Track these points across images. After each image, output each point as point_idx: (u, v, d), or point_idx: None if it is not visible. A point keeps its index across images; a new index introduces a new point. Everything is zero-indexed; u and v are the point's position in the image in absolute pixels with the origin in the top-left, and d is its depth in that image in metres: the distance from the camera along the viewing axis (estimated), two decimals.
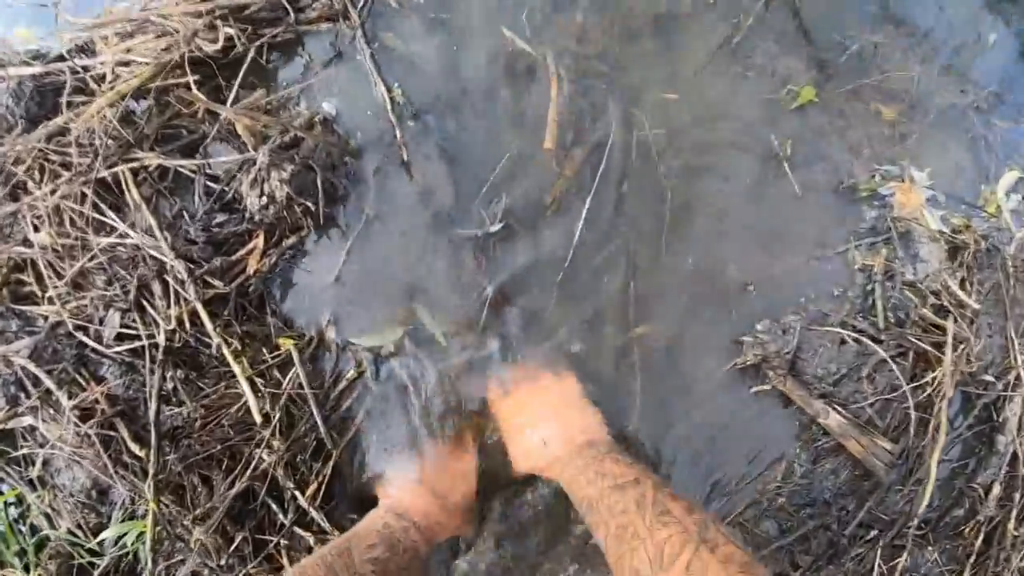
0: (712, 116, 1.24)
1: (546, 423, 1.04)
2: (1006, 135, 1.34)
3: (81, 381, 1.22)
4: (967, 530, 1.21)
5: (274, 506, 1.14)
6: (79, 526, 1.32)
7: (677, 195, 1.19)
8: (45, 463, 1.33)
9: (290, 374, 1.14)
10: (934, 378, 1.12)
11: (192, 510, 1.12)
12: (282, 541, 1.13)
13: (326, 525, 1.12)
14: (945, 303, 1.18)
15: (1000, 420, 1.19)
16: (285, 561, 1.12)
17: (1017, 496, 1.20)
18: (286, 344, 1.14)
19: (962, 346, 1.13)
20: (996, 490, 1.19)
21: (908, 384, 1.12)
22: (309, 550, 1.12)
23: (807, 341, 1.15)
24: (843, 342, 1.14)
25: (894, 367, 1.12)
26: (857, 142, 1.27)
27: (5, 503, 1.32)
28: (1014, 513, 1.19)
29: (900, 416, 1.15)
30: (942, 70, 1.34)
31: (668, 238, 1.18)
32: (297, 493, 1.12)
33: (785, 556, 1.13)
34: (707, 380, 1.15)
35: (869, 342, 1.13)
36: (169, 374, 1.16)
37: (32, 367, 1.22)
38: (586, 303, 1.16)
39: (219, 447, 1.12)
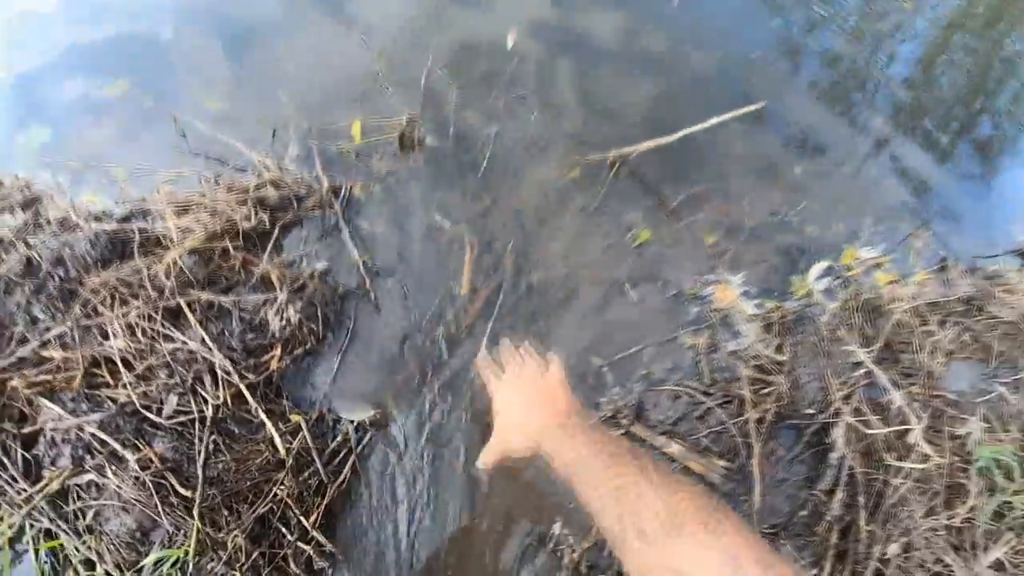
0: (576, 260, 1.97)
1: (534, 398, 1.08)
2: (815, 239, 1.96)
3: (139, 445, 1.79)
4: (820, 529, 1.57)
5: (283, 529, 1.74)
6: (118, 566, 1.81)
7: (551, 313, 1.93)
8: (96, 514, 1.82)
9: (299, 437, 1.78)
10: (752, 413, 1.63)
11: (226, 529, 1.70)
12: (288, 553, 1.72)
13: (323, 539, 1.72)
14: (764, 363, 1.72)
15: (829, 441, 1.64)
16: (292, 567, 1.71)
17: (861, 499, 1.56)
18: (296, 418, 1.78)
19: (774, 388, 1.66)
20: (839, 495, 1.55)
21: (731, 420, 1.67)
22: (308, 560, 1.72)
23: (650, 398, 1.74)
24: (677, 397, 1.74)
25: (719, 410, 1.68)
26: (683, 262, 1.94)
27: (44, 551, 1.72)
28: (862, 514, 1.55)
29: (729, 443, 1.67)
30: (754, 200, 2.04)
31: (547, 341, 1.88)
32: (302, 518, 1.73)
33: None
34: None
35: (699, 395, 1.71)
36: (213, 438, 1.76)
37: (101, 434, 1.78)
38: None
39: (247, 484, 1.72)
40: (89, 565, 1.73)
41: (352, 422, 1.76)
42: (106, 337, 1.83)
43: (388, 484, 1.77)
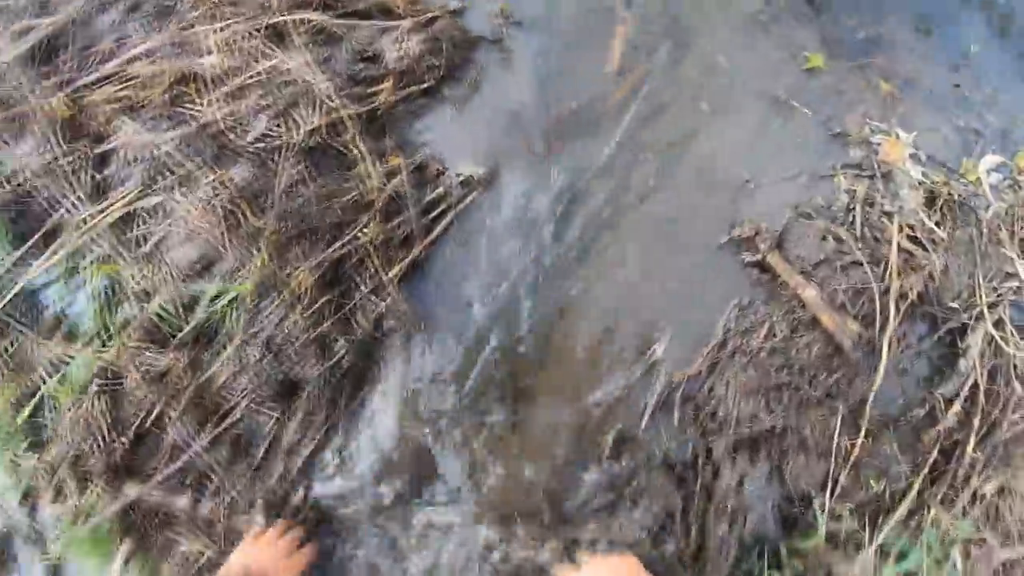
0: (737, 66, 1.66)
1: None
2: (997, 129, 1.69)
3: (215, 169, 1.54)
4: (928, 438, 1.45)
5: (357, 279, 1.45)
6: (172, 302, 1.58)
7: (701, 119, 1.60)
8: (159, 242, 1.60)
9: (395, 181, 1.48)
10: (896, 283, 1.44)
11: (294, 267, 1.42)
12: (357, 305, 1.43)
13: (399, 297, 1.43)
14: (919, 236, 1.50)
15: (963, 347, 1.47)
16: (362, 321, 1.42)
17: (976, 421, 1.43)
18: (396, 160, 1.49)
19: (926, 266, 1.46)
20: (956, 407, 1.43)
21: (877, 284, 1.45)
22: (378, 317, 1.43)
23: (795, 231, 1.51)
24: (824, 238, 1.50)
25: (868, 269, 1.46)
26: (853, 103, 1.67)
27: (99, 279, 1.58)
28: (972, 438, 1.42)
29: (867, 309, 1.46)
30: (944, 64, 1.74)
31: (693, 145, 1.58)
32: (381, 270, 1.44)
33: (761, 400, 1.45)
34: (706, 247, 1.52)
35: (850, 242, 1.48)
36: (298, 167, 1.49)
37: (176, 154, 1.53)
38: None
39: (327, 222, 1.44)
40: (144, 297, 1.57)
41: (458, 176, 1.47)
42: (199, 54, 1.58)
43: (484, 254, 1.55)
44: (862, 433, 1.42)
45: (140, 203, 1.59)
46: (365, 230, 1.43)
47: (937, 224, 1.53)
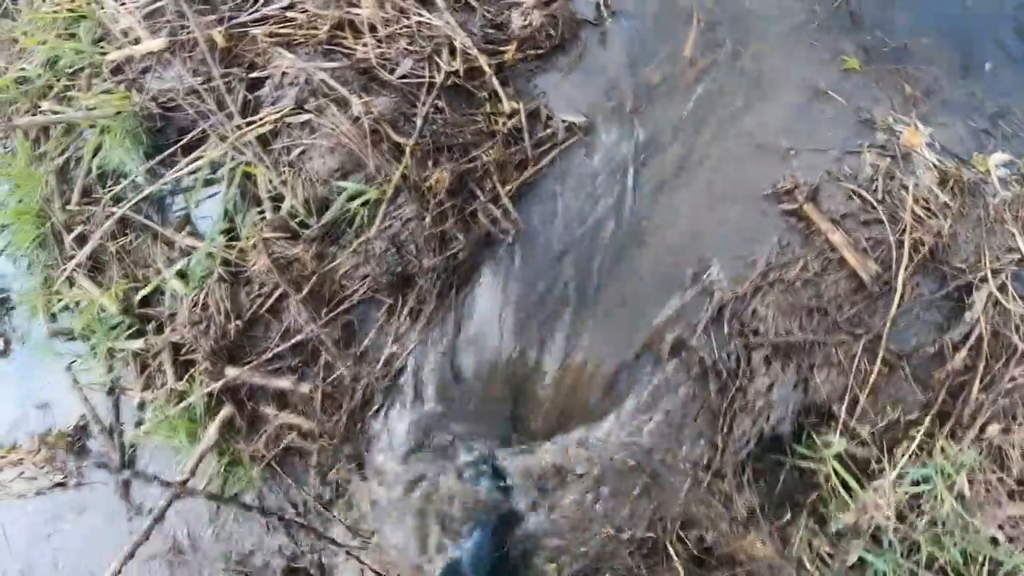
0: (785, 62, 2.05)
1: None
2: (1007, 135, 2.01)
3: (363, 96, 1.90)
4: (938, 375, 1.70)
5: (477, 190, 1.80)
6: (307, 201, 1.91)
7: (754, 96, 1.99)
8: (301, 153, 1.94)
9: (514, 119, 1.85)
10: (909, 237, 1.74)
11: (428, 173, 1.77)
12: (477, 209, 1.78)
13: (511, 207, 1.78)
14: (932, 206, 1.80)
15: (970, 302, 1.73)
16: (482, 219, 1.77)
17: (981, 368, 1.68)
18: (515, 104, 1.86)
19: (936, 224, 1.76)
20: (963, 352, 1.68)
21: (893, 237, 1.76)
22: (494, 220, 1.77)
23: (827, 189, 1.84)
24: (850, 197, 1.83)
25: (886, 223, 1.78)
26: (881, 99, 2.01)
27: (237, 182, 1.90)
28: (977, 383, 1.67)
29: (884, 256, 1.76)
30: (962, 76, 2.09)
31: (747, 118, 1.97)
32: (499, 185, 1.79)
33: (794, 320, 1.78)
34: (753, 198, 1.88)
35: (873, 202, 1.81)
36: (436, 102, 1.85)
37: (330, 80, 1.90)
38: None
39: (459, 141, 1.80)
40: (277, 200, 1.88)
41: (563, 121, 1.81)
42: (355, 5, 1.95)
43: (579, 187, 1.90)
44: (879, 359, 1.73)
45: (291, 119, 1.92)
46: (490, 151, 1.78)
47: (948, 200, 1.84)
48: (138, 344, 2.02)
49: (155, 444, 2.08)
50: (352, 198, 1.84)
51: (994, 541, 1.62)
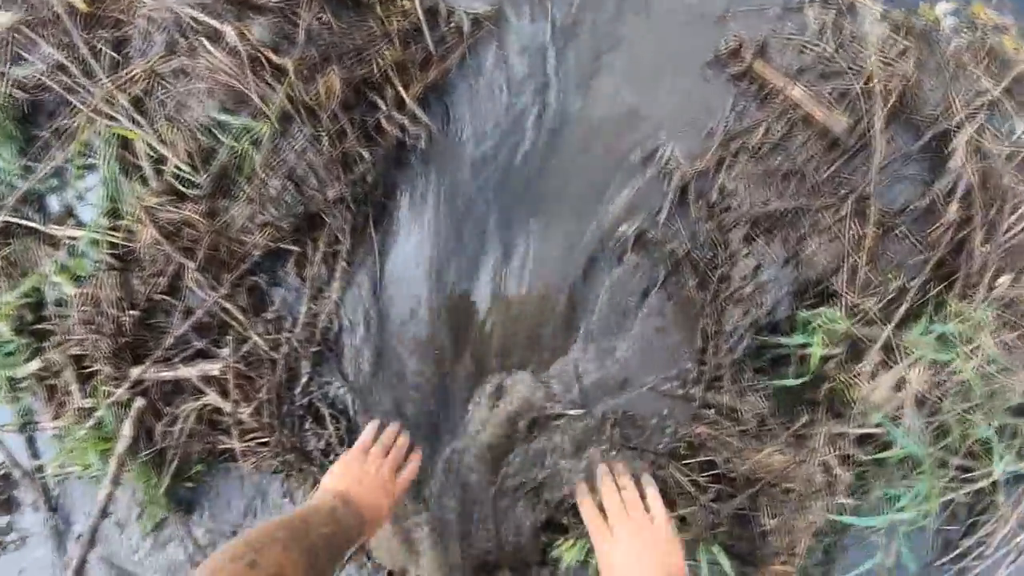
0: None
1: (648, 566, 1.16)
2: None
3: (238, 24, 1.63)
4: (935, 233, 1.52)
5: (379, 100, 1.54)
6: (190, 155, 1.63)
7: None
8: (178, 105, 1.67)
9: (410, 18, 1.59)
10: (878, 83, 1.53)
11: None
12: (381, 119, 1.51)
13: (420, 112, 1.51)
14: (890, 55, 1.60)
15: (950, 149, 1.55)
16: (389, 129, 1.49)
17: (978, 218, 1.51)
18: (408, 2, 1.60)
19: (902, 68, 1.57)
20: (955, 206, 1.51)
21: (858, 85, 1.55)
22: (402, 128, 1.51)
23: (775, 43, 1.61)
24: (802, 51, 1.61)
25: (848, 72, 1.56)
26: None
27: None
28: (978, 235, 1.50)
29: (852, 108, 1.55)
30: None
31: None
32: (402, 89, 1.52)
33: (771, 186, 1.53)
34: (695, 68, 1.63)
35: (828, 52, 1.59)
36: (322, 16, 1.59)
37: (199, 14, 1.63)
38: None
39: (348, 49, 1.53)
40: (160, 163, 1.63)
41: (467, 13, 1.57)
42: None
43: (495, 82, 1.65)
44: (871, 221, 1.49)
45: (162, 67, 1.64)
46: (385, 52, 1.52)
47: (907, 43, 1.64)
48: (35, 365, 1.73)
49: (80, 477, 1.80)
50: (238, 138, 1.56)
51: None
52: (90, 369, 1.69)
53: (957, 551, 1.62)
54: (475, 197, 1.59)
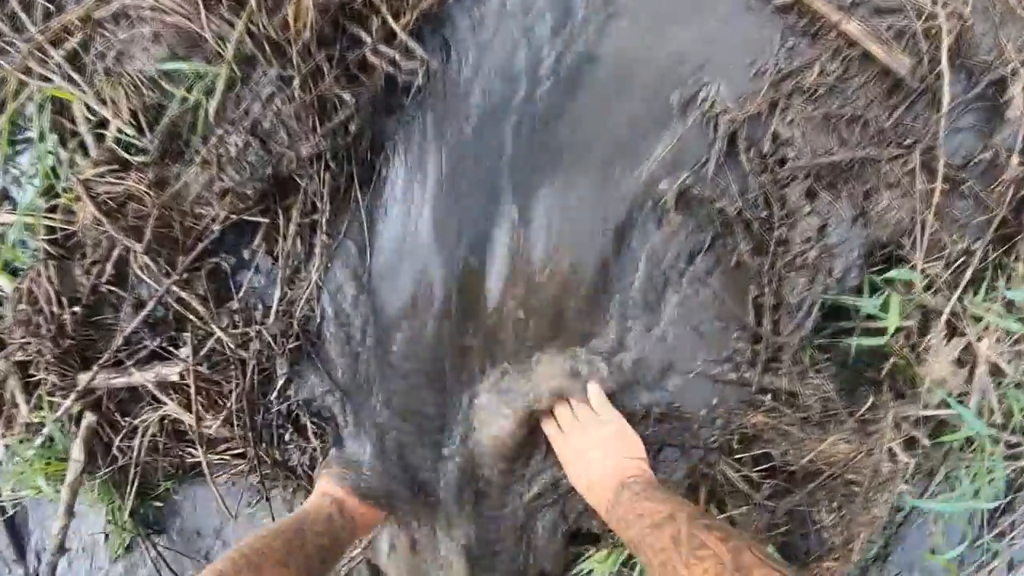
0: None
1: (589, 465, 1.16)
2: None
3: None
4: (996, 191, 1.35)
5: (359, 32, 1.23)
6: (134, 114, 1.29)
7: None
8: (118, 56, 1.32)
9: None
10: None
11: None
12: (366, 55, 1.20)
13: (413, 44, 1.21)
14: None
15: (1006, 98, 1.38)
16: (377, 64, 1.18)
17: None
18: None
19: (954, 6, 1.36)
20: (1016, 159, 1.33)
21: (918, 24, 1.33)
22: (392, 62, 1.20)
23: None
24: None
25: (907, 7, 1.34)
26: None
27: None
28: None
29: (912, 49, 1.34)
30: None
31: None
32: (391, 18, 1.21)
33: (832, 133, 1.31)
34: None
35: None
36: None
37: None
38: None
39: None
40: (101, 127, 1.34)
41: None
42: None
43: (505, 10, 1.35)
44: (939, 174, 1.29)
45: (99, 13, 1.31)
46: None
47: None
48: None
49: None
50: (190, 88, 1.23)
51: None
52: (37, 377, 1.42)
53: (996, 530, 1.49)
54: (484, 149, 1.30)
